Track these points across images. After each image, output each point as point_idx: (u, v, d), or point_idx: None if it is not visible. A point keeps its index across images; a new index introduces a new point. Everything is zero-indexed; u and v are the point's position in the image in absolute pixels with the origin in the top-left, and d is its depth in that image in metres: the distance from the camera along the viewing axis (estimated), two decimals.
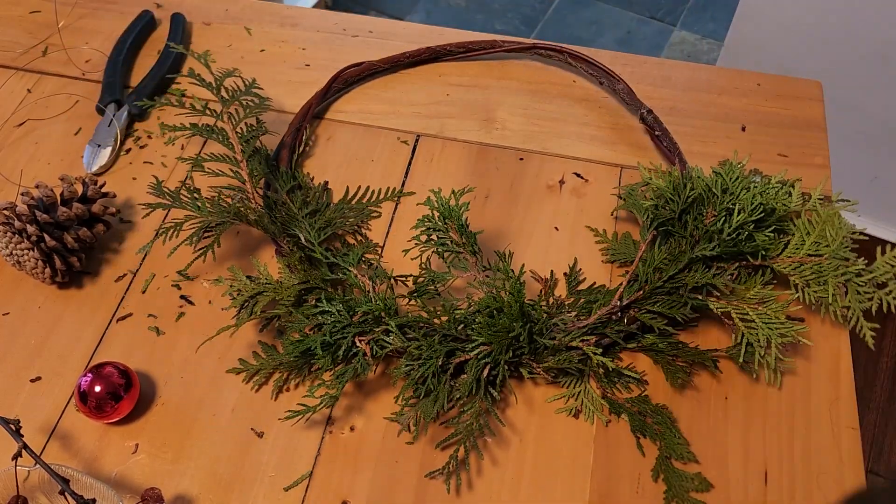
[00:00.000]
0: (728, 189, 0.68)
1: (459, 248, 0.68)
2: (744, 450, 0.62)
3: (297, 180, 0.78)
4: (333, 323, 0.64)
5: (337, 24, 0.95)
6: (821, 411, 0.64)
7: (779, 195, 0.69)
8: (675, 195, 0.69)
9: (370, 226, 0.77)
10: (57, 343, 0.69)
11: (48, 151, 0.83)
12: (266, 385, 0.67)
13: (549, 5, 2.34)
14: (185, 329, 0.70)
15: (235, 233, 0.76)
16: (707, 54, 2.24)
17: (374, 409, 0.65)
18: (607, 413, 0.64)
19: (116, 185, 0.80)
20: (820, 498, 0.60)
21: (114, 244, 0.76)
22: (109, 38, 0.92)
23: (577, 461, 0.62)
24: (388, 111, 0.86)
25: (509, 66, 0.90)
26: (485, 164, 0.81)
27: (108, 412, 0.62)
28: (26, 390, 0.67)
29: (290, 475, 0.62)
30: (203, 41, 0.93)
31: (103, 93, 0.86)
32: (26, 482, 0.59)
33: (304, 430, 0.64)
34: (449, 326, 0.63)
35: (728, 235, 0.65)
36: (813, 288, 0.65)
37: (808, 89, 0.87)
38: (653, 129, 0.81)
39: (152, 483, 0.62)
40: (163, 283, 0.73)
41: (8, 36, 0.94)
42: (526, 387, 0.66)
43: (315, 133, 0.85)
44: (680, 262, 0.65)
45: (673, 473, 0.60)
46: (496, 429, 0.64)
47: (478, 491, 0.61)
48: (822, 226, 0.66)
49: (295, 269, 0.68)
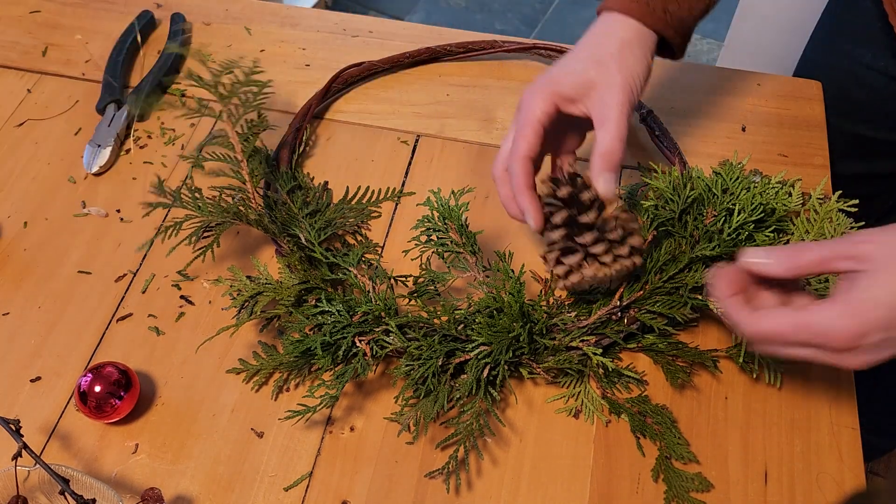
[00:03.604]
0: (728, 189, 0.68)
1: (459, 248, 0.68)
2: (744, 450, 0.62)
3: (297, 180, 0.78)
4: (333, 323, 0.64)
5: (337, 24, 0.95)
6: (821, 411, 0.64)
7: (779, 195, 0.69)
8: (675, 195, 0.69)
9: (370, 226, 0.77)
10: (57, 343, 0.69)
11: (48, 151, 0.83)
12: (266, 385, 0.67)
13: (549, 5, 2.34)
14: (185, 329, 0.70)
15: (235, 233, 0.76)
16: (707, 54, 2.23)
17: (374, 409, 0.65)
18: (607, 413, 0.64)
19: (116, 185, 0.80)
20: (820, 498, 0.60)
21: (114, 244, 0.76)
22: (109, 38, 0.92)
23: (577, 461, 0.62)
24: (388, 111, 0.86)
25: (509, 66, 0.90)
26: (485, 164, 0.81)
27: (108, 412, 0.62)
28: (26, 390, 0.67)
29: (290, 475, 0.62)
30: (203, 41, 0.93)
31: (103, 93, 0.86)
32: (26, 482, 0.59)
33: (304, 430, 0.64)
34: (449, 326, 0.63)
35: (728, 235, 0.65)
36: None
37: (808, 89, 0.87)
38: (653, 129, 0.81)
39: (152, 483, 0.62)
40: (163, 283, 0.73)
41: (8, 36, 0.94)
42: (526, 387, 0.66)
43: (315, 133, 0.85)
44: (680, 262, 0.65)
45: (673, 473, 0.60)
46: (496, 429, 0.64)
47: (478, 491, 0.61)
48: (821, 223, 0.66)
49: (295, 269, 0.68)
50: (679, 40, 0.66)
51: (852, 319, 0.49)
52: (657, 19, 0.64)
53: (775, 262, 0.53)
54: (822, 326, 0.50)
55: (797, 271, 0.53)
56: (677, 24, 0.65)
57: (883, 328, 0.49)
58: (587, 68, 0.62)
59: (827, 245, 0.52)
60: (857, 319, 0.49)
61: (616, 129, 0.60)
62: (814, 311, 0.51)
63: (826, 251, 0.51)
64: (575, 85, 0.62)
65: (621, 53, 0.62)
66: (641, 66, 0.63)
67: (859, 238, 0.51)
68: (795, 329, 0.51)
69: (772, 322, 0.52)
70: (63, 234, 0.76)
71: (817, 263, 0.52)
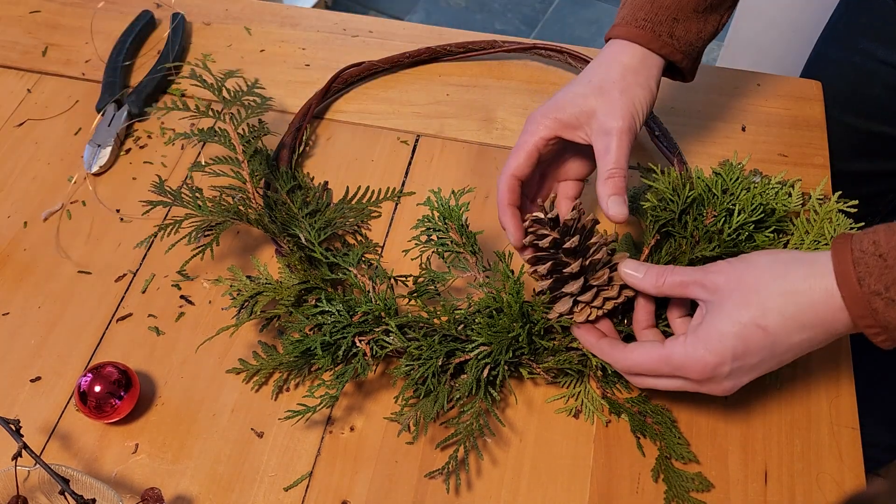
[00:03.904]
0: (728, 189, 0.68)
1: (459, 248, 0.68)
2: (744, 450, 0.62)
3: (297, 180, 0.78)
4: (333, 323, 0.64)
5: (337, 24, 0.95)
6: (821, 411, 0.64)
7: (779, 195, 0.69)
8: (674, 196, 0.69)
9: (370, 226, 0.77)
10: (57, 343, 0.69)
11: (48, 151, 0.83)
12: (266, 385, 0.67)
13: (549, 5, 2.34)
14: (185, 329, 0.70)
15: (235, 232, 0.76)
16: (707, 54, 2.23)
17: (374, 409, 0.65)
18: (607, 413, 0.64)
19: (116, 185, 0.80)
20: (820, 498, 0.60)
21: (114, 244, 0.76)
22: (109, 38, 0.92)
23: (577, 461, 0.62)
24: (388, 111, 0.86)
25: (509, 66, 0.90)
26: (485, 164, 0.81)
27: (107, 412, 0.62)
28: (26, 390, 0.67)
29: (290, 475, 0.62)
30: (203, 41, 0.93)
31: (103, 93, 0.86)
32: (26, 482, 0.59)
33: (304, 430, 0.64)
34: (449, 326, 0.63)
35: (728, 236, 0.65)
36: None
37: (808, 89, 0.87)
38: (653, 129, 0.81)
39: (152, 483, 0.62)
40: (163, 283, 0.73)
41: (8, 36, 0.94)
42: (526, 387, 0.66)
43: (315, 133, 0.85)
44: (680, 263, 0.65)
45: (673, 473, 0.60)
46: (496, 429, 0.64)
47: (477, 491, 0.61)
48: (821, 223, 0.66)
49: (295, 269, 0.68)
50: (688, 63, 0.66)
51: (703, 353, 0.52)
52: (663, 44, 0.63)
53: (643, 278, 0.58)
54: (679, 360, 0.53)
55: (660, 290, 0.57)
56: (685, 48, 0.65)
57: (731, 358, 0.52)
58: (588, 95, 0.62)
59: (687, 271, 0.55)
60: (706, 353, 0.52)
61: (615, 156, 0.60)
62: (669, 345, 0.54)
63: (685, 277, 0.55)
64: (576, 112, 0.62)
65: (624, 80, 0.62)
66: (644, 92, 0.63)
67: (712, 268, 0.54)
68: (658, 363, 0.55)
69: (636, 357, 0.56)
70: (63, 233, 0.77)
71: (677, 286, 0.56)
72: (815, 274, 0.50)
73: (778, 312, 0.50)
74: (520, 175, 0.63)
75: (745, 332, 0.51)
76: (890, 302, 0.47)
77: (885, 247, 0.48)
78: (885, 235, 0.48)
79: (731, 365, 0.52)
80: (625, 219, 0.60)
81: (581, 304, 0.60)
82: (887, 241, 0.48)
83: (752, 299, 0.51)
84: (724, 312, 0.52)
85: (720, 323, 0.52)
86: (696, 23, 0.65)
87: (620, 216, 0.59)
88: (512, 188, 0.63)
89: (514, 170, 0.63)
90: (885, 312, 0.47)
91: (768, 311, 0.50)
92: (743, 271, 0.52)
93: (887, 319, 0.47)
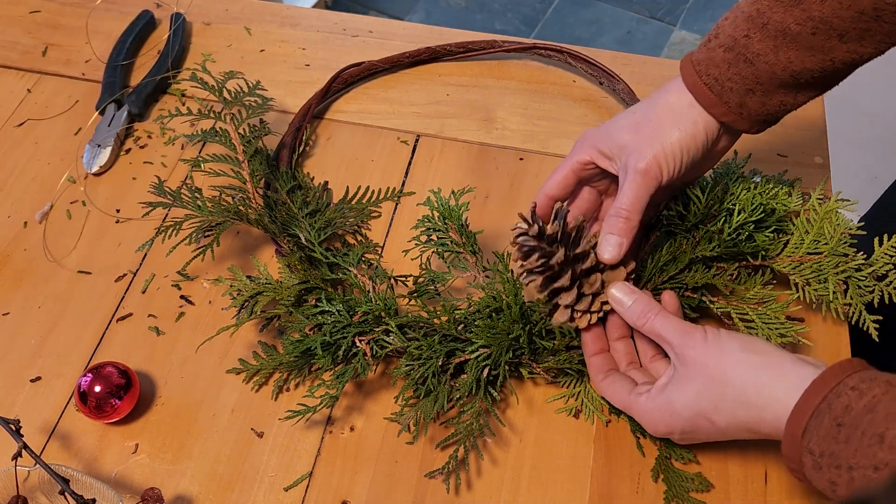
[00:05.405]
0: (728, 189, 0.68)
1: (459, 248, 0.68)
2: (744, 450, 0.62)
3: (297, 180, 0.78)
4: (333, 323, 0.64)
5: (337, 24, 0.95)
6: None
7: (779, 195, 0.69)
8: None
9: (370, 226, 0.77)
10: (57, 343, 0.69)
11: (48, 151, 0.83)
12: (266, 385, 0.67)
13: (549, 5, 2.34)
14: (185, 329, 0.70)
15: (235, 232, 0.76)
16: None
17: (374, 409, 0.65)
18: (607, 413, 0.64)
19: (116, 185, 0.80)
20: (820, 498, 0.60)
21: (114, 244, 0.76)
22: (109, 38, 0.92)
23: (577, 461, 0.62)
24: (388, 111, 0.86)
25: (509, 66, 0.90)
26: (485, 164, 0.81)
27: (107, 412, 0.62)
28: (26, 390, 0.67)
29: (290, 475, 0.62)
30: (203, 41, 0.93)
31: (103, 93, 0.86)
32: (26, 482, 0.59)
33: (304, 430, 0.64)
34: (449, 327, 0.63)
35: (728, 235, 0.65)
36: (813, 286, 0.65)
37: None
38: None
39: (152, 483, 0.62)
40: (163, 283, 0.73)
41: (8, 36, 0.94)
42: (526, 387, 0.66)
43: (315, 133, 0.85)
44: (680, 263, 0.65)
45: (673, 473, 0.60)
46: (496, 429, 0.64)
47: (477, 491, 0.61)
48: (821, 223, 0.66)
49: (295, 269, 0.68)
50: (757, 129, 0.61)
51: (657, 420, 0.57)
52: (726, 111, 0.59)
53: (629, 308, 0.59)
54: (637, 413, 0.58)
55: (639, 328, 0.59)
56: (756, 117, 0.59)
57: (679, 432, 0.56)
58: (625, 129, 0.61)
59: (668, 328, 0.57)
60: (659, 422, 0.57)
61: (626, 197, 0.59)
62: (633, 400, 0.58)
63: (665, 333, 0.57)
64: (612, 144, 0.61)
65: (662, 124, 0.59)
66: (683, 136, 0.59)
67: (692, 340, 0.55)
68: (622, 405, 0.59)
69: (607, 390, 0.60)
70: (63, 234, 0.77)
71: (656, 335, 0.57)
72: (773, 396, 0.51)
73: (730, 414, 0.53)
74: (553, 195, 0.63)
75: (696, 420, 0.55)
76: (817, 466, 0.48)
77: (848, 418, 0.46)
78: (858, 407, 0.46)
79: (679, 436, 0.57)
80: (614, 261, 0.59)
81: (579, 313, 0.60)
82: (853, 417, 0.46)
83: (711, 394, 0.54)
84: (685, 393, 0.55)
85: (678, 401, 0.55)
86: (781, 96, 0.58)
87: (608, 257, 0.59)
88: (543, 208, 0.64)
89: (548, 189, 0.63)
90: (808, 469, 0.48)
91: (721, 410, 0.53)
92: (714, 359, 0.54)
93: (806, 475, 0.49)
